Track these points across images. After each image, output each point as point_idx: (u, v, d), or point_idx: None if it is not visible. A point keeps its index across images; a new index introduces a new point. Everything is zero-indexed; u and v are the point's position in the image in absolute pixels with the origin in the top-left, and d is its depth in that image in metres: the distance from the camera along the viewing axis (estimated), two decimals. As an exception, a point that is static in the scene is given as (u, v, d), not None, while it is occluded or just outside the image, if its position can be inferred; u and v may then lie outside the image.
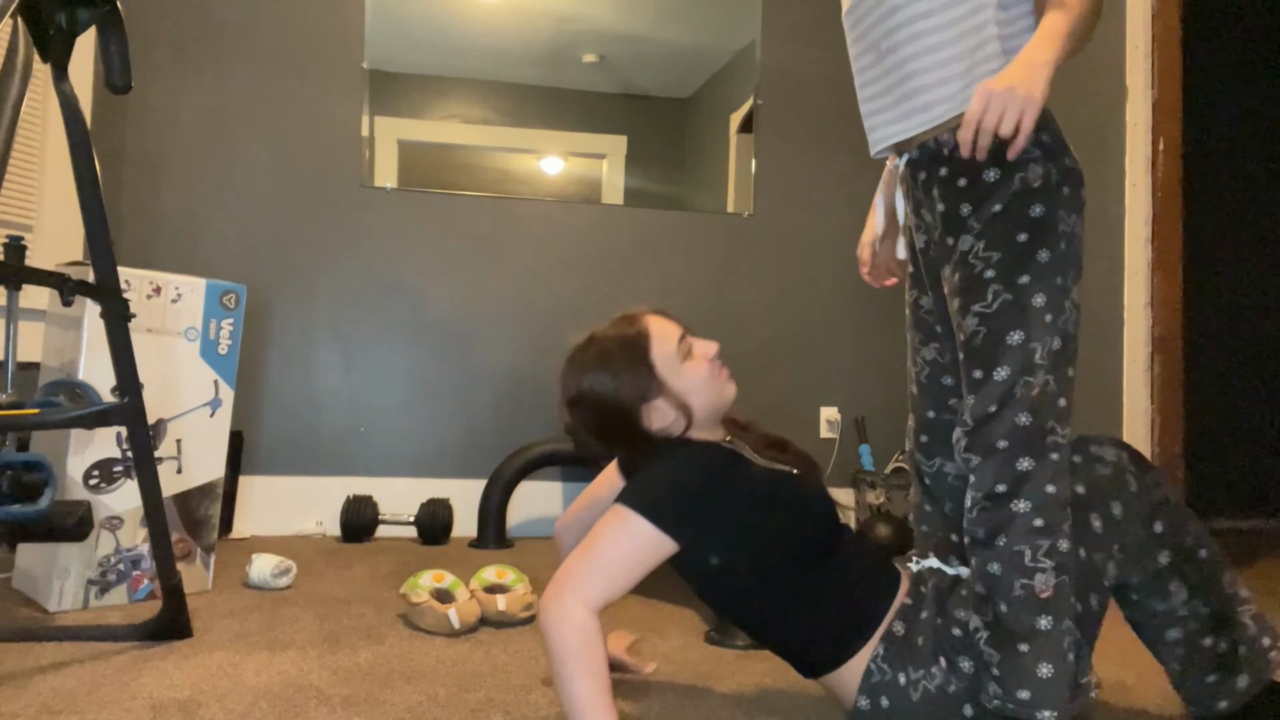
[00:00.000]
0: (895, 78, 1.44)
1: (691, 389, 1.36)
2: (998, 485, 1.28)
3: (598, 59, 3.28)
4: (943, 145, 1.42)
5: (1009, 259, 1.33)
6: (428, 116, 3.17)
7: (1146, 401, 2.60)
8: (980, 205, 1.36)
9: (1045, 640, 1.24)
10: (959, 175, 1.38)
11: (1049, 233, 1.34)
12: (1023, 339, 1.30)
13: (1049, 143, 1.37)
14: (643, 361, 1.34)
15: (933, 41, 1.39)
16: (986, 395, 1.31)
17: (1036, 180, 1.34)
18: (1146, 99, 2.64)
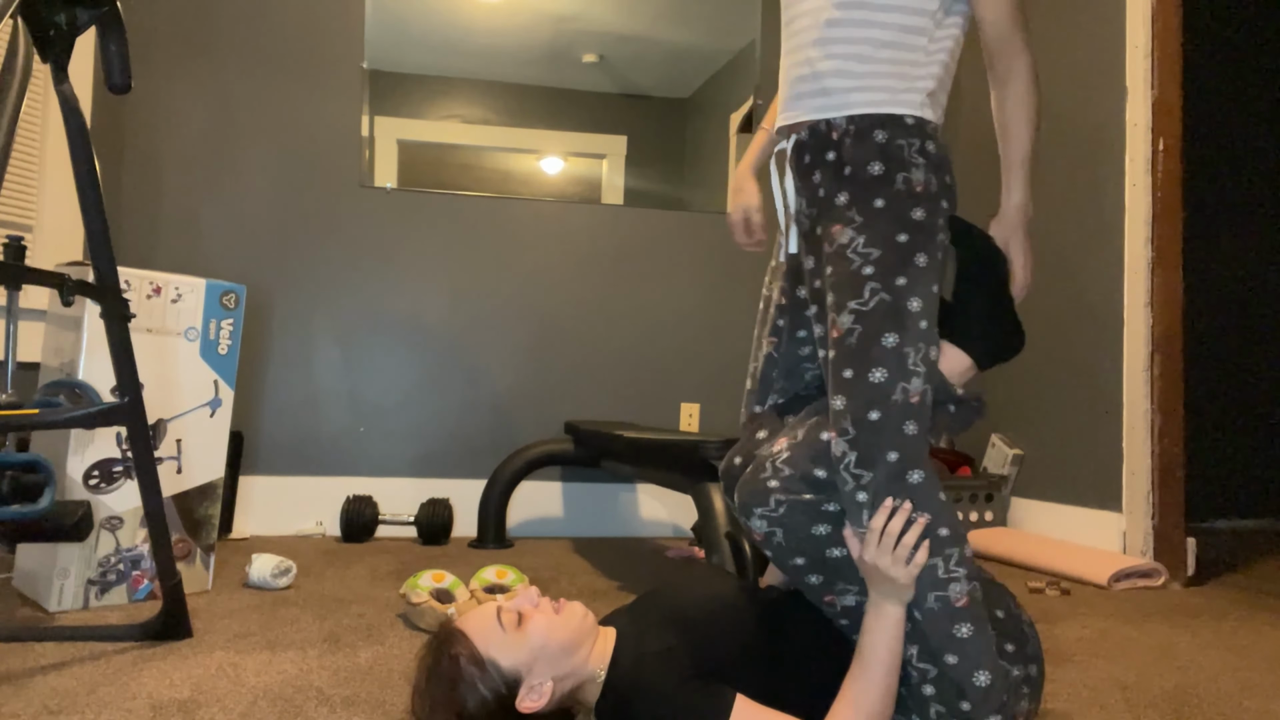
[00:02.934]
0: (818, 60, 1.43)
1: (542, 646, 1.15)
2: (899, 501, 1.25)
3: (598, 59, 3.28)
4: (834, 128, 1.41)
5: (889, 258, 1.31)
6: (428, 116, 3.17)
7: (1146, 402, 2.60)
8: (861, 197, 1.36)
9: (972, 647, 1.20)
10: (844, 163, 1.38)
11: (929, 239, 1.33)
12: (897, 342, 1.27)
13: (934, 154, 1.38)
14: (477, 665, 1.13)
15: (869, 34, 1.40)
16: (863, 399, 1.26)
17: (919, 185, 1.35)
18: (1146, 99, 2.64)
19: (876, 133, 1.38)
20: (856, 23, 1.41)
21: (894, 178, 1.35)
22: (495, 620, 1.16)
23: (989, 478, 3.12)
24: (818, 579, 1.25)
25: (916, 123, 1.39)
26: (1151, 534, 2.59)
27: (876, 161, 1.36)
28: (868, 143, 1.37)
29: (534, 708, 1.12)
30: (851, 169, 1.37)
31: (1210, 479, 4.05)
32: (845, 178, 1.38)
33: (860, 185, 1.36)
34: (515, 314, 3.20)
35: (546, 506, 3.19)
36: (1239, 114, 4.24)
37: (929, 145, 1.38)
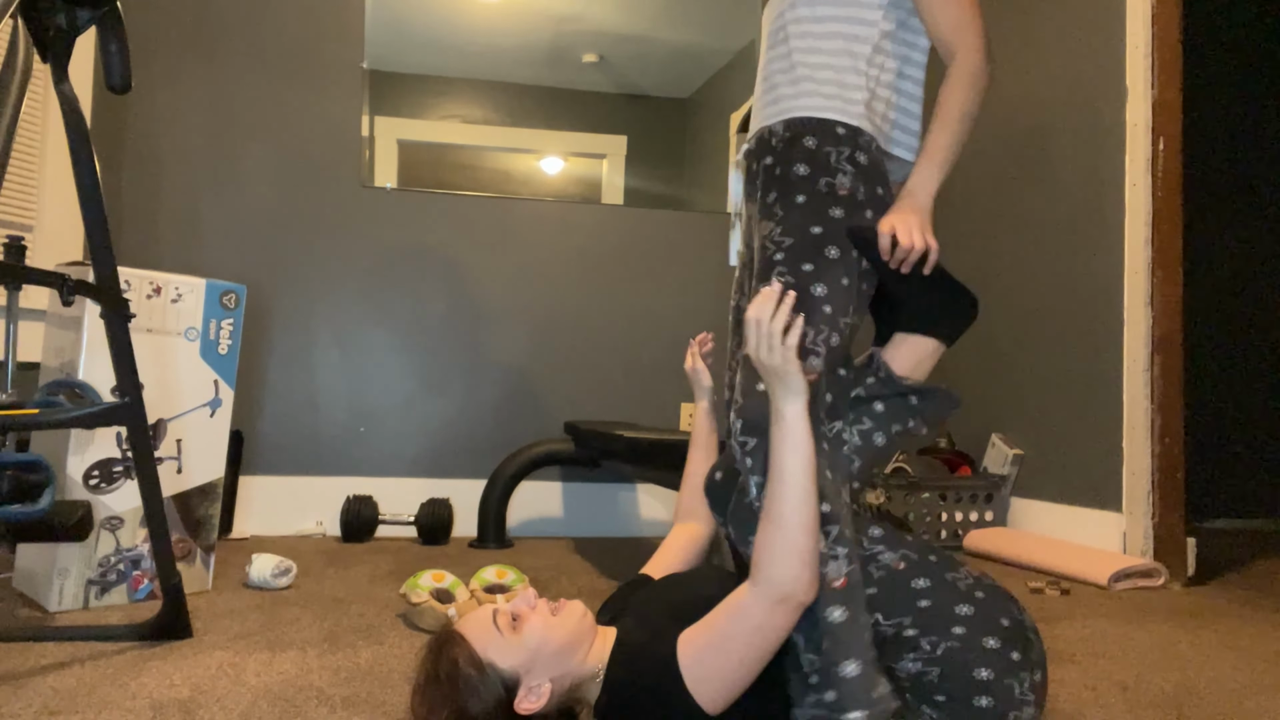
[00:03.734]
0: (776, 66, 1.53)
1: (539, 648, 1.15)
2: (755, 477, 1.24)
3: (598, 59, 3.28)
4: (773, 134, 1.48)
5: (798, 246, 1.35)
6: (428, 116, 3.17)
7: (1146, 401, 2.60)
8: (785, 194, 1.41)
9: (845, 633, 1.16)
10: (776, 164, 1.45)
11: (844, 238, 1.36)
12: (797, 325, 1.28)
13: (863, 164, 1.43)
14: (475, 667, 1.13)
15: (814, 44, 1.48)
16: (754, 372, 1.28)
17: (843, 189, 1.40)
18: (1146, 99, 2.64)
19: (807, 138, 1.44)
20: (804, 35, 1.49)
21: (818, 179, 1.40)
22: (492, 622, 1.16)
23: (989, 478, 3.12)
24: None
25: (849, 131, 1.45)
26: (1151, 534, 2.59)
27: (803, 164, 1.42)
28: (797, 146, 1.44)
29: (533, 709, 1.12)
30: (781, 170, 1.44)
31: (1210, 479, 4.05)
32: (776, 178, 1.44)
33: (787, 184, 1.42)
34: (515, 314, 3.20)
35: (546, 506, 3.19)
36: (1239, 114, 4.24)
37: (859, 155, 1.43)
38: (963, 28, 1.44)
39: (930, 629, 1.17)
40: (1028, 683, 1.19)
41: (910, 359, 1.43)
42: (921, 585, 1.20)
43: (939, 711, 1.17)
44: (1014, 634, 1.20)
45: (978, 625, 1.18)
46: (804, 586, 1.12)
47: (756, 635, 1.12)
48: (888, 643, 1.19)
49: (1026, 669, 1.19)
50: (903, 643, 1.18)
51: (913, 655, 1.18)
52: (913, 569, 1.22)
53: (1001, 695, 1.16)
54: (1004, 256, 3.24)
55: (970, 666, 1.16)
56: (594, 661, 1.18)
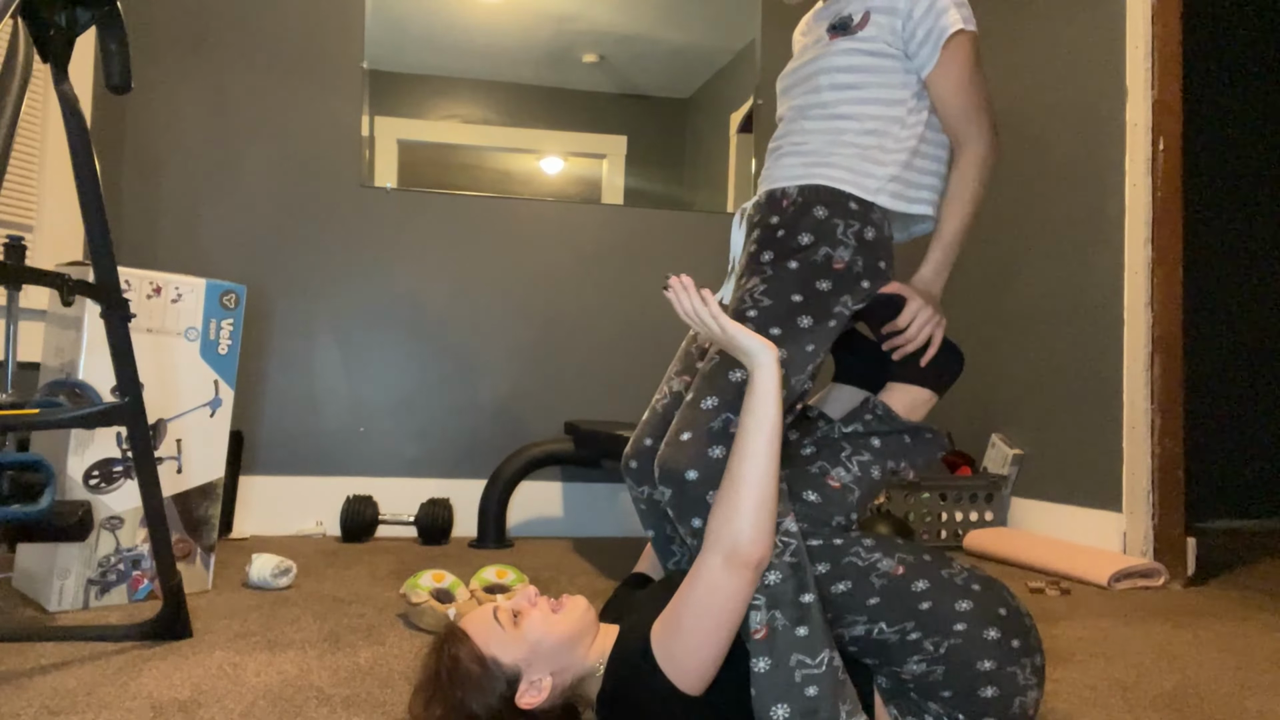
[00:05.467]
0: (798, 139, 1.55)
1: (539, 643, 1.16)
2: (693, 521, 1.26)
3: (598, 59, 3.28)
4: (785, 196, 1.50)
5: (774, 309, 1.37)
6: (428, 116, 3.17)
7: (1146, 401, 2.60)
8: (780, 257, 1.44)
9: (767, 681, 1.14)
10: (780, 227, 1.47)
11: (823, 309, 1.39)
12: (742, 378, 1.30)
13: (869, 240, 1.45)
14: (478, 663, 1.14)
15: (842, 125, 1.51)
16: (686, 420, 1.31)
17: (839, 263, 1.42)
18: (1146, 99, 2.64)
19: (818, 208, 1.46)
20: (835, 106, 1.52)
21: (818, 249, 1.43)
22: (493, 618, 1.17)
23: (989, 478, 3.12)
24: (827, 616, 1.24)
25: (861, 207, 1.47)
26: (1151, 534, 2.59)
27: (808, 233, 1.44)
28: (807, 216, 1.46)
29: (533, 704, 1.12)
30: (784, 233, 1.46)
31: (1210, 479, 4.05)
32: (777, 240, 1.46)
33: (786, 249, 1.44)
34: (515, 314, 3.20)
35: (546, 506, 3.19)
36: (1239, 114, 4.24)
37: (867, 231, 1.46)
38: (971, 116, 1.49)
39: (933, 630, 1.18)
40: (1029, 667, 1.19)
41: (903, 406, 1.47)
42: (921, 587, 1.20)
43: (945, 706, 1.18)
44: (1012, 622, 1.20)
45: (978, 619, 1.18)
46: (748, 542, 1.13)
47: (711, 600, 1.12)
48: (892, 647, 1.19)
49: (1027, 654, 1.19)
50: (907, 646, 1.18)
51: (917, 657, 1.18)
52: (911, 572, 1.22)
53: (1005, 683, 1.17)
54: (1004, 256, 3.24)
55: (974, 660, 1.16)
56: (596, 657, 1.19)
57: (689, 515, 1.27)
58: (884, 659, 1.21)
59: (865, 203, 1.47)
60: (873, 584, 1.21)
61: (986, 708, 1.16)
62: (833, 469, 1.35)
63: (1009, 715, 1.18)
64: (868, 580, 1.22)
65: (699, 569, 1.14)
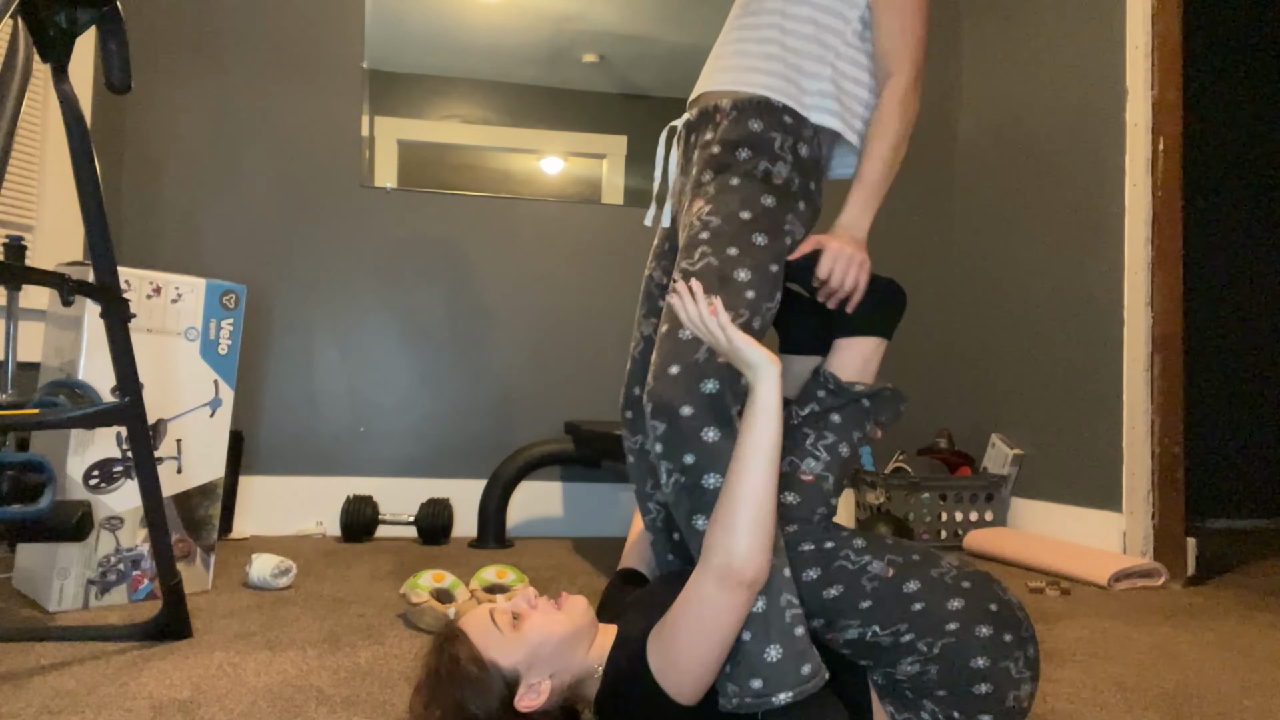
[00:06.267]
0: (732, 46, 1.51)
1: (538, 645, 1.15)
2: (686, 457, 1.23)
3: (598, 59, 3.28)
4: (717, 110, 1.46)
5: (726, 228, 1.34)
6: (428, 116, 3.17)
7: (1146, 401, 2.60)
8: (721, 174, 1.41)
9: (764, 621, 1.16)
10: (715, 142, 1.44)
11: (773, 224, 1.36)
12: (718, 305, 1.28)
13: (805, 158, 1.43)
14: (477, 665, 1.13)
15: (780, 26, 1.46)
16: (669, 353, 1.27)
17: (779, 178, 1.39)
18: (1146, 99, 2.64)
19: (752, 120, 1.43)
20: (770, 12, 1.47)
21: (757, 164, 1.39)
22: (491, 621, 1.17)
23: (989, 478, 3.12)
24: (820, 622, 1.24)
25: (795, 121, 1.44)
26: (1151, 534, 2.59)
27: (745, 147, 1.41)
28: (741, 127, 1.42)
29: (532, 706, 1.12)
30: (720, 149, 1.43)
31: (1210, 479, 4.05)
32: (714, 156, 1.43)
33: (724, 165, 1.41)
34: (515, 314, 3.20)
35: (546, 506, 3.19)
36: (1239, 114, 4.24)
37: (801, 147, 1.43)
38: (902, 49, 1.44)
39: (926, 630, 1.18)
40: (1022, 660, 1.19)
41: (856, 362, 1.43)
42: (913, 588, 1.20)
43: (940, 705, 1.18)
44: (1004, 617, 1.20)
45: (969, 616, 1.18)
46: (742, 560, 1.11)
47: (706, 616, 1.11)
48: (886, 649, 1.19)
49: (1020, 648, 1.20)
50: (901, 648, 1.18)
51: (911, 658, 1.18)
52: (901, 573, 1.22)
53: (999, 679, 1.17)
54: (1004, 256, 3.24)
55: (967, 658, 1.16)
56: (595, 658, 1.18)
57: (680, 451, 1.23)
58: (878, 661, 1.21)
59: (799, 116, 1.43)
60: (864, 587, 1.21)
61: (981, 704, 1.17)
62: (801, 462, 1.34)
63: (1004, 710, 1.18)
64: (859, 584, 1.22)
65: (693, 585, 1.13)
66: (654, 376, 1.27)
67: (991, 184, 3.33)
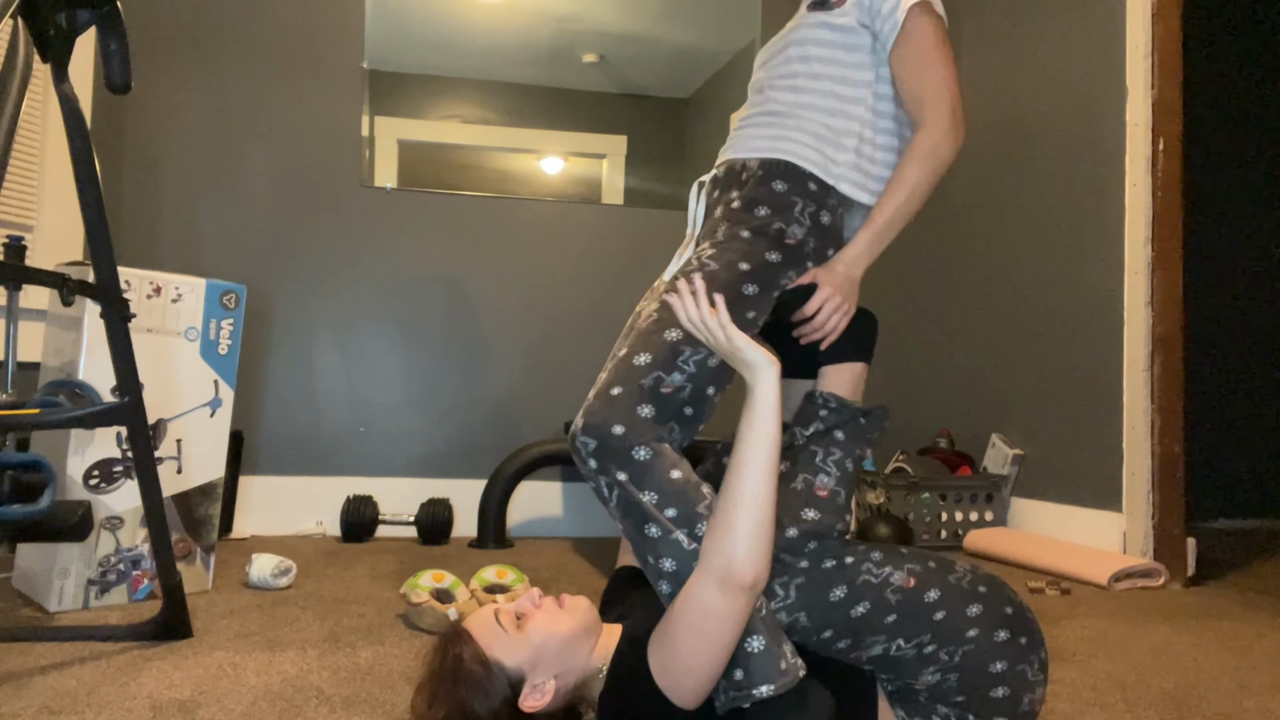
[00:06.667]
0: (762, 113, 1.54)
1: (542, 645, 1.15)
2: (619, 473, 1.25)
3: (598, 59, 3.28)
4: (746, 169, 1.49)
5: (720, 275, 1.37)
6: (428, 116, 3.17)
7: (1146, 401, 2.60)
8: (735, 226, 1.43)
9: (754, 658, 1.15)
10: (738, 199, 1.46)
11: (768, 280, 1.38)
12: (679, 338, 1.30)
13: (826, 225, 1.45)
14: (481, 664, 1.13)
15: (807, 100, 1.49)
16: (616, 374, 1.29)
17: (792, 238, 1.41)
18: (1146, 99, 2.64)
19: (777, 182, 1.45)
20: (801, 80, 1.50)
21: (772, 223, 1.42)
22: (496, 621, 1.16)
23: (989, 478, 3.12)
24: (846, 643, 1.23)
25: (820, 189, 1.46)
26: (1151, 534, 2.59)
27: (765, 206, 1.44)
28: (765, 188, 1.45)
29: (536, 707, 1.12)
30: (740, 204, 1.45)
31: (1210, 479, 4.05)
32: (733, 210, 1.45)
33: (739, 219, 1.43)
34: (515, 314, 3.20)
35: (546, 506, 3.19)
36: (1239, 114, 4.24)
37: (823, 215, 1.45)
38: (926, 98, 1.44)
39: (948, 639, 1.17)
40: (1036, 663, 1.19)
41: (847, 386, 1.46)
42: (934, 597, 1.20)
43: (955, 709, 1.18)
44: (1018, 620, 1.20)
45: (988, 622, 1.18)
46: (742, 563, 1.11)
47: (707, 622, 1.11)
48: (909, 662, 1.19)
49: (1034, 650, 1.20)
50: (924, 660, 1.18)
51: (933, 669, 1.17)
52: (922, 582, 1.21)
53: (1016, 682, 1.17)
54: (1004, 256, 3.24)
55: (986, 664, 1.16)
56: (599, 658, 1.18)
57: (609, 465, 1.24)
58: (900, 673, 1.20)
59: (825, 185, 1.45)
60: (889, 600, 1.20)
61: (997, 707, 1.17)
62: (815, 478, 1.35)
63: (1018, 713, 1.18)
64: (883, 597, 1.21)
65: (692, 589, 1.13)
66: (596, 395, 1.29)
67: (991, 183, 3.33)
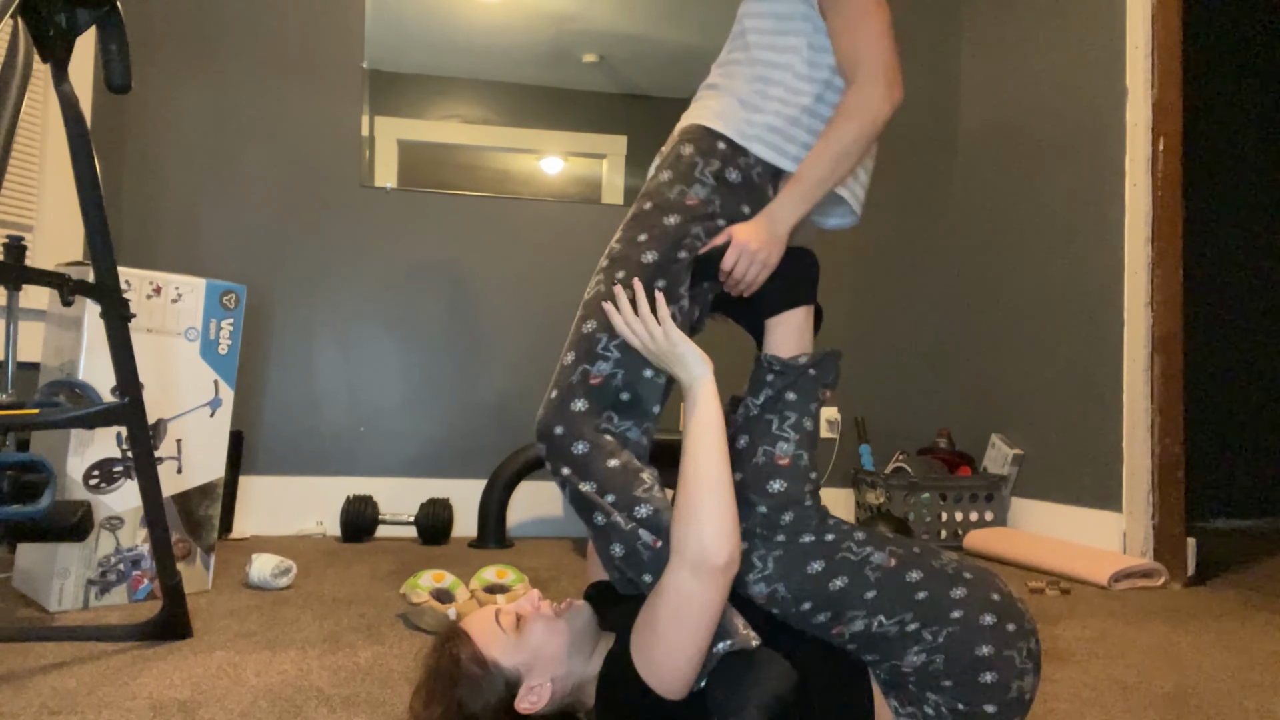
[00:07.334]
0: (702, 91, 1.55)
1: (540, 648, 1.16)
2: (564, 469, 1.29)
3: (598, 59, 3.28)
4: (671, 138, 1.50)
5: (622, 253, 1.38)
6: (428, 116, 3.17)
7: (1146, 401, 2.60)
8: (640, 198, 1.44)
9: None
10: (654, 169, 1.49)
11: (669, 243, 1.38)
12: (594, 328, 1.33)
13: (732, 182, 1.43)
14: (479, 664, 1.14)
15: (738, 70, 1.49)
16: (554, 377, 1.35)
17: (693, 199, 1.40)
18: (1146, 99, 2.64)
19: (685, 146, 1.45)
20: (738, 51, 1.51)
21: (673, 187, 1.42)
22: (495, 622, 1.17)
23: (989, 478, 3.12)
24: (826, 616, 1.24)
25: (731, 148, 1.44)
26: (1151, 534, 2.59)
27: (668, 170, 1.44)
28: (674, 153, 1.46)
29: (532, 709, 1.12)
30: (652, 174, 1.47)
31: (1210, 479, 4.05)
32: (646, 182, 1.47)
33: (648, 191, 1.44)
34: (515, 314, 3.20)
35: (546, 506, 3.19)
36: (1239, 114, 4.24)
37: (729, 172, 1.43)
38: (862, 54, 1.41)
39: (931, 619, 1.18)
40: (1025, 651, 1.19)
41: (793, 336, 1.42)
42: (915, 578, 1.21)
43: (944, 695, 1.18)
44: (1006, 607, 1.20)
45: (973, 605, 1.18)
46: (713, 546, 1.12)
47: (683, 607, 1.12)
48: (892, 640, 1.19)
49: (1023, 638, 1.20)
50: (907, 638, 1.19)
51: (917, 648, 1.18)
52: (904, 564, 1.23)
53: (1004, 668, 1.17)
54: (1004, 256, 3.24)
55: (972, 646, 1.17)
56: (596, 664, 1.18)
57: (558, 464, 1.30)
58: (884, 653, 1.21)
59: (737, 146, 1.43)
60: (868, 577, 1.22)
61: (986, 694, 1.17)
62: (775, 448, 1.34)
63: (1007, 700, 1.18)
64: (863, 574, 1.22)
65: (667, 578, 1.14)
66: (543, 403, 1.34)
67: (991, 184, 3.33)
